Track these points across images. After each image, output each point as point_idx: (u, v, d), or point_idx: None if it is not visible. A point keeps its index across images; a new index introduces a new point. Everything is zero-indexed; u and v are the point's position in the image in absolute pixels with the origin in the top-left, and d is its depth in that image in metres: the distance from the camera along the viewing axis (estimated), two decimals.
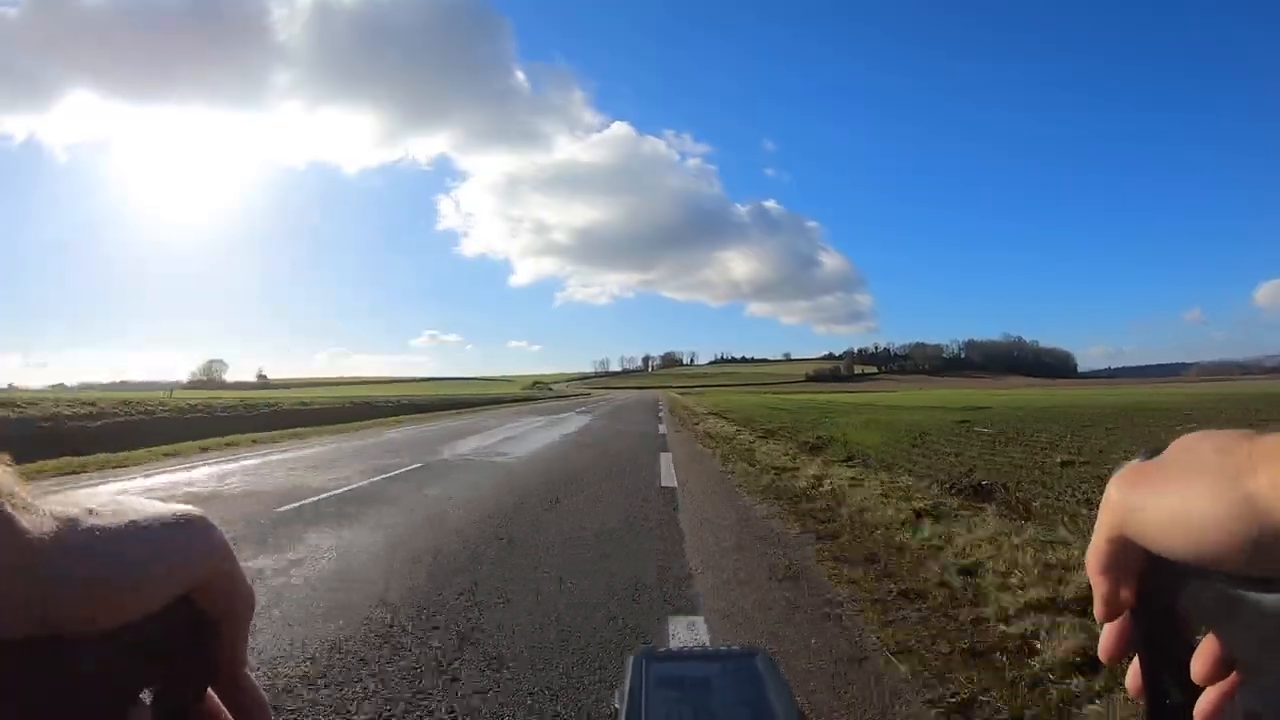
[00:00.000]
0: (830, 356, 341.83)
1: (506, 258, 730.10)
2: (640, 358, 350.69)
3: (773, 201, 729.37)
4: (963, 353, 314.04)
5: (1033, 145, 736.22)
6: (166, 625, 0.23)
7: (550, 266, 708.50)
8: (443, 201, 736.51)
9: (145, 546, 0.23)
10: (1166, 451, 0.23)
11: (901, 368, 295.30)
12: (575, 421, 17.90)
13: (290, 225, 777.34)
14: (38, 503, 0.22)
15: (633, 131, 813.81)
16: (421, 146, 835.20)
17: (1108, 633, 0.26)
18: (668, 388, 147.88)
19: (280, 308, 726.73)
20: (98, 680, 0.22)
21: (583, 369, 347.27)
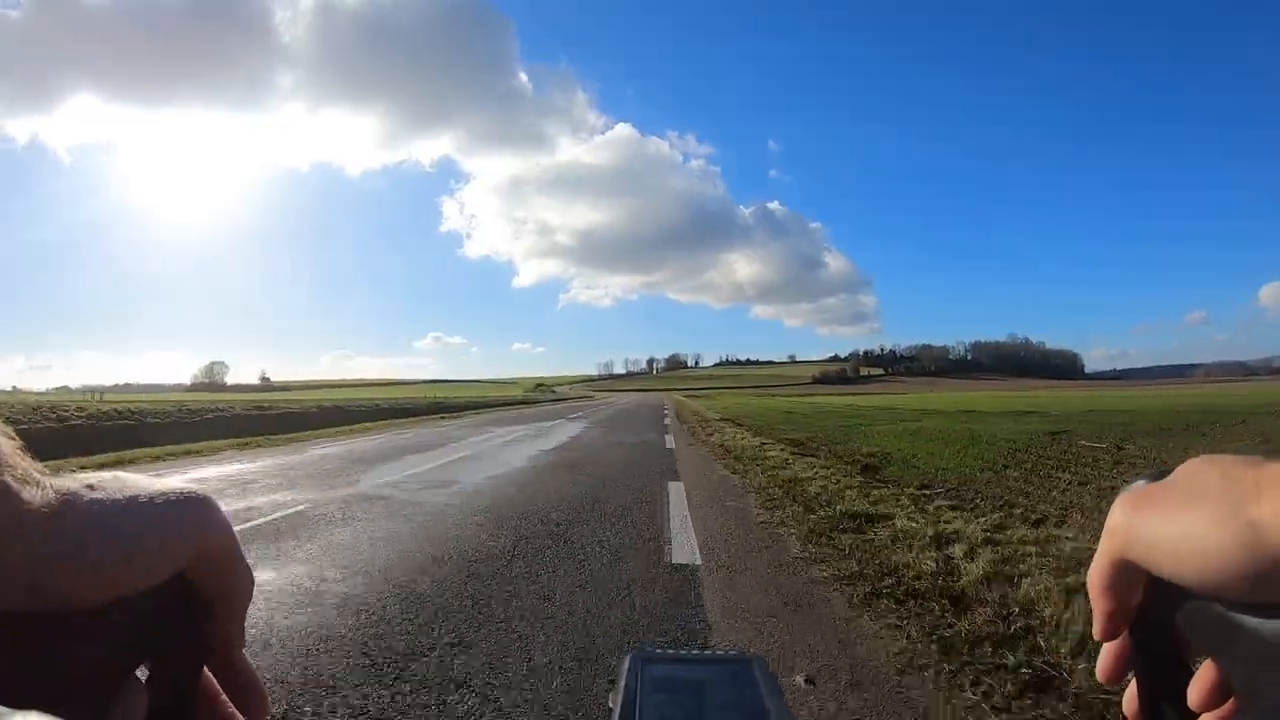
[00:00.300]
0: (835, 359, 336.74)
1: (510, 259, 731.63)
2: (645, 360, 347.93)
3: (776, 203, 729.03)
4: (969, 354, 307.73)
5: (1036, 148, 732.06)
6: (163, 602, 0.23)
7: (554, 268, 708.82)
8: (446, 203, 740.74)
9: (142, 521, 0.23)
10: (1173, 475, 0.23)
11: (908, 369, 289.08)
12: (565, 430, 15.19)
13: (294, 227, 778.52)
14: (40, 476, 0.22)
15: (636, 133, 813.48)
16: (425, 148, 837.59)
17: (1106, 652, 0.26)
18: (673, 390, 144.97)
19: (285, 310, 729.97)
20: (93, 655, 0.21)
21: (587, 371, 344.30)
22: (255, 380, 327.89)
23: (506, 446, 11.22)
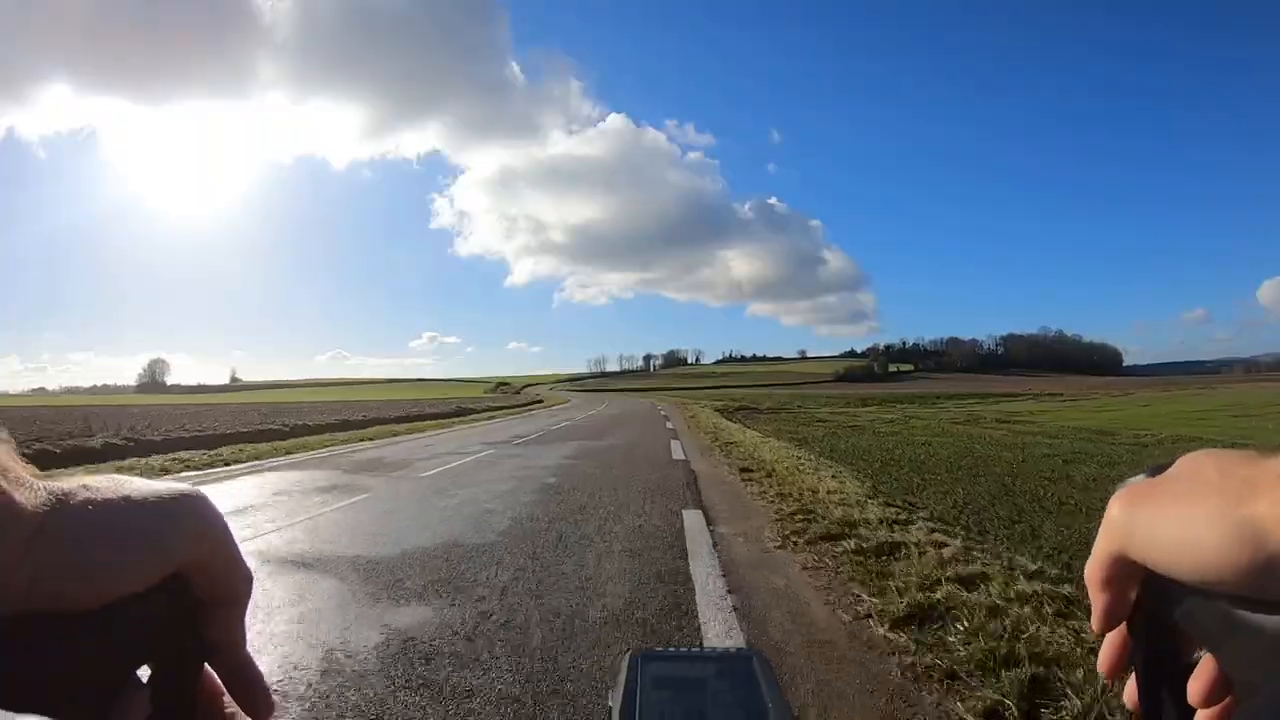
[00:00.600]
0: (852, 354, 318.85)
1: (503, 257, 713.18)
2: (641, 357, 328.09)
3: (775, 199, 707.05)
4: (1000, 348, 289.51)
5: (1032, 143, 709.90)
6: (162, 601, 0.24)
7: (548, 266, 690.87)
8: (436, 200, 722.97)
9: (137, 521, 0.23)
10: (1170, 470, 0.23)
11: (938, 364, 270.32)
12: None
13: (280, 223, 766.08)
14: (32, 478, 0.22)
15: (630, 124, 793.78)
16: (412, 140, 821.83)
17: (1106, 646, 0.26)
18: (672, 389, 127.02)
19: (277, 309, 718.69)
20: (92, 655, 0.21)
21: (578, 370, 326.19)
22: (225, 380, 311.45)
23: None
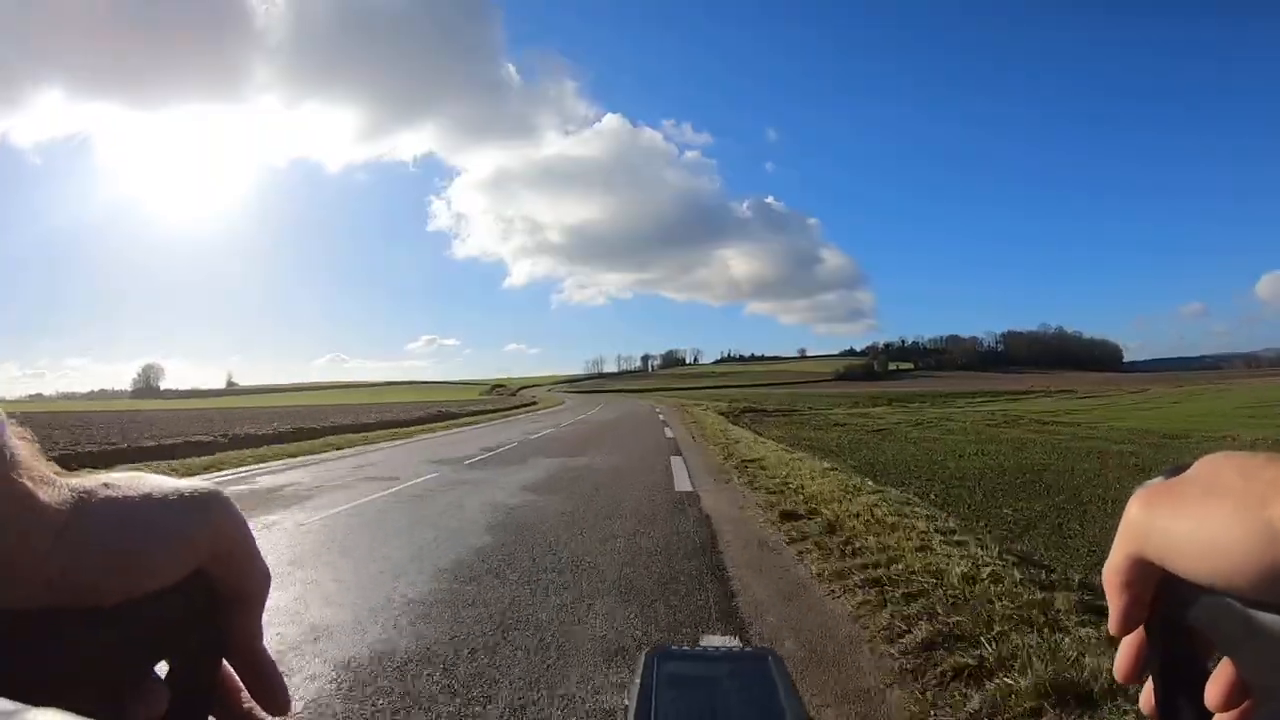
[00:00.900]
0: (851, 352, 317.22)
1: (500, 259, 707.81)
2: (639, 357, 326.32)
3: (772, 198, 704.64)
4: (1000, 345, 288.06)
5: (1027, 141, 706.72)
6: (182, 599, 0.24)
7: (545, 267, 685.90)
8: (433, 202, 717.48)
9: (158, 519, 0.24)
10: (1189, 471, 0.23)
11: (938, 362, 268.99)
12: None
13: (277, 228, 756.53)
14: (55, 476, 0.22)
15: (627, 124, 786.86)
16: (407, 142, 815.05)
17: (1123, 650, 0.26)
18: (671, 390, 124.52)
19: (274, 313, 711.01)
20: (113, 651, 0.22)
21: (575, 371, 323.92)
22: (222, 384, 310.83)
23: None
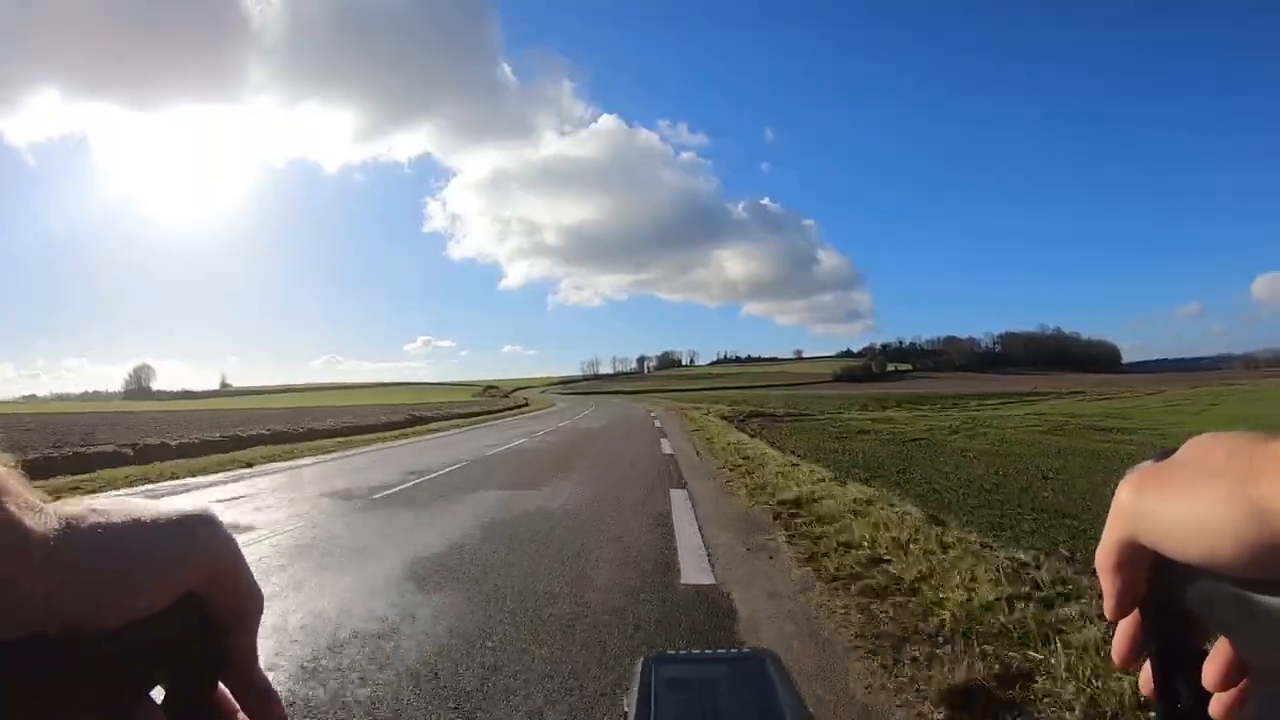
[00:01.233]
0: (848, 353, 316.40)
1: (496, 261, 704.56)
2: (635, 358, 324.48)
3: (768, 199, 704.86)
4: (998, 346, 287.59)
5: (1025, 141, 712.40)
6: (175, 622, 0.24)
7: (541, 269, 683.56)
8: (429, 203, 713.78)
9: (147, 543, 0.23)
10: (1178, 454, 0.23)
11: (936, 364, 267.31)
12: None
13: (273, 228, 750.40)
14: (41, 503, 0.22)
15: (623, 125, 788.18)
16: (404, 142, 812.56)
17: (1120, 633, 0.26)
18: (667, 391, 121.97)
19: (270, 314, 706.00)
20: (105, 677, 0.22)
21: (572, 372, 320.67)
22: (215, 385, 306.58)
23: None
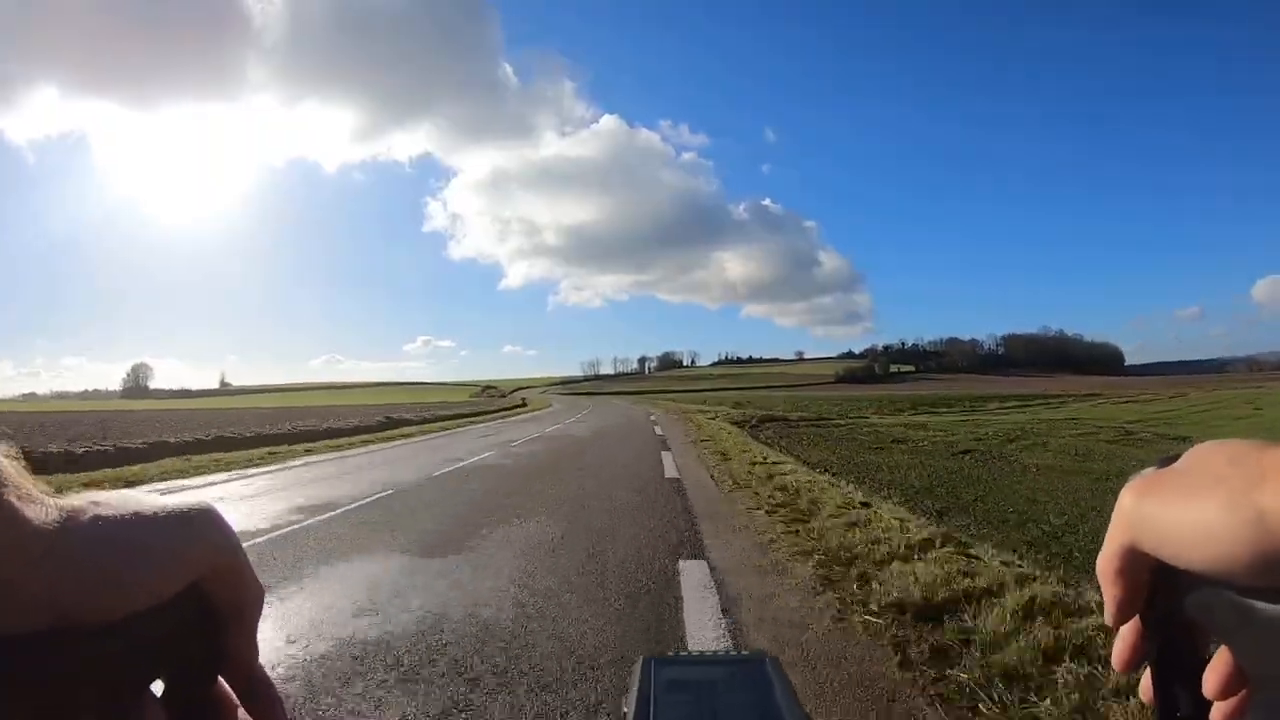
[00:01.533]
0: (850, 354, 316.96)
1: (497, 261, 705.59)
2: (636, 359, 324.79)
3: (769, 200, 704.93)
4: (1000, 348, 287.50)
5: (1026, 143, 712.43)
6: (175, 616, 0.24)
7: (542, 269, 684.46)
8: (429, 203, 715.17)
9: (147, 537, 0.23)
10: (1180, 461, 0.23)
11: (939, 365, 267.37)
12: None
13: (273, 228, 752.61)
14: (42, 495, 0.22)
15: (624, 125, 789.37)
16: (404, 142, 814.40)
17: (1121, 640, 0.26)
18: (668, 392, 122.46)
19: (270, 314, 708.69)
20: (108, 671, 0.22)
21: (572, 373, 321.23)
22: (215, 384, 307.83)
23: None
